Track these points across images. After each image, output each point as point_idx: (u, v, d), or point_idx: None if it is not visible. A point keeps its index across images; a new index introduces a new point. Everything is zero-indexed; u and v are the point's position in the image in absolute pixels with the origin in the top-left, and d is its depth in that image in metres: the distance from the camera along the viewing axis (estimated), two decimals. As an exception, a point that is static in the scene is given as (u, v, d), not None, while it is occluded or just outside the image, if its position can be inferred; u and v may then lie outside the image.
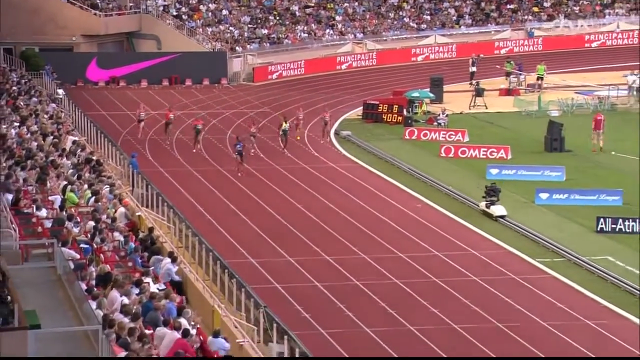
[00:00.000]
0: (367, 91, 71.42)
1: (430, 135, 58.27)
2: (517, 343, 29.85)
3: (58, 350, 19.95)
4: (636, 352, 29.18)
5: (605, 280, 35.11)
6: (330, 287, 34.36)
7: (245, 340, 26.85)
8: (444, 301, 33.09)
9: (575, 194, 45.29)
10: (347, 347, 29.44)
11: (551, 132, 54.52)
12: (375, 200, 45.57)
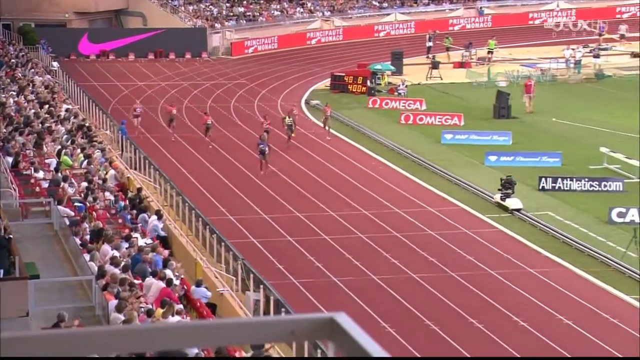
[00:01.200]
0: (334, 64, 71.32)
1: (391, 104, 58.31)
2: (468, 290, 30.04)
3: (56, 298, 19.91)
4: (573, 296, 29.49)
5: (546, 233, 35.38)
6: (302, 241, 34.42)
7: (225, 289, 26.95)
8: (403, 253, 33.22)
9: (520, 156, 45.50)
10: (316, 295, 29.53)
11: (499, 101, 54.72)
12: (342, 162, 45.64)
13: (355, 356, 2.09)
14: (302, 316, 2.28)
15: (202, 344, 3.23)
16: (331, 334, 2.16)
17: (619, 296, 29.81)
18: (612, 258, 32.32)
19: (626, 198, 38.55)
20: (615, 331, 27.30)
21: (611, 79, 64.64)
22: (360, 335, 2.09)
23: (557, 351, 25.85)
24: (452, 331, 27.08)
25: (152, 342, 2.99)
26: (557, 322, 27.78)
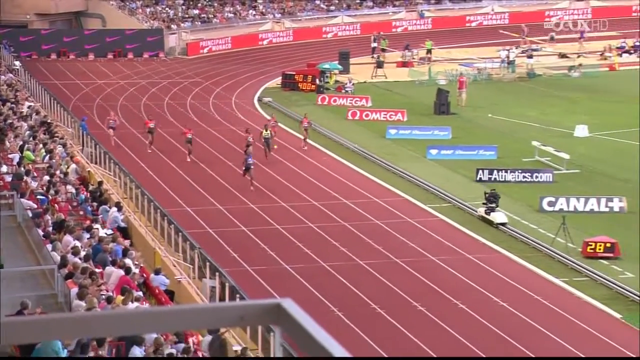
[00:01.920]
0: (285, 63, 71.19)
1: (339, 101, 58.39)
2: (412, 276, 30.22)
3: (19, 287, 19.71)
4: (507, 280, 29.78)
5: (484, 222, 35.66)
6: (255, 231, 34.38)
7: (183, 276, 26.87)
8: (351, 242, 33.32)
9: (459, 149, 45.80)
10: (269, 282, 29.52)
11: (439, 98, 55.00)
12: (292, 157, 45.61)
13: (300, 340, 2.09)
14: (250, 302, 2.29)
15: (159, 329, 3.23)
16: (278, 319, 2.16)
17: (549, 279, 30.17)
18: (543, 244, 32.71)
19: (556, 188, 39.01)
20: (546, 311, 27.63)
21: (542, 78, 65.26)
22: (306, 320, 2.09)
23: (493, 331, 26.09)
24: (396, 314, 27.21)
25: (112, 327, 2.97)
26: (493, 303, 28.05)
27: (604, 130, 49.29)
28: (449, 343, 25.45)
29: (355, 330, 26.24)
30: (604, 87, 61.31)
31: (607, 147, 46.82)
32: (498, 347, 25.25)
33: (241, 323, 2.19)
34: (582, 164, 42.78)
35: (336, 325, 26.39)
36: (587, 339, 25.83)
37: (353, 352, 23.72)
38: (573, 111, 53.98)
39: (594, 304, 28.15)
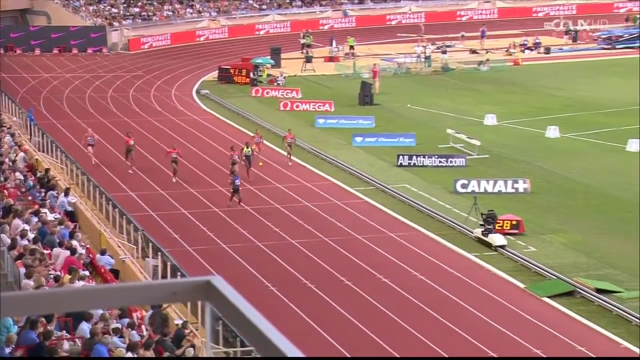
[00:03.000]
0: (220, 58, 70.74)
1: (272, 93, 58.30)
2: (340, 253, 30.33)
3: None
4: (425, 256, 30.04)
5: (404, 203, 35.94)
6: (195, 213, 34.19)
7: (127, 256, 26.60)
8: (283, 222, 33.31)
9: (381, 137, 45.98)
10: (208, 260, 29.39)
11: (363, 90, 55.21)
12: (229, 145, 45.37)
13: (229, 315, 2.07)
14: (181, 280, 2.26)
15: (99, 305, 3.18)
16: (208, 295, 2.13)
17: (463, 254, 30.53)
18: (457, 222, 33.08)
19: (468, 171, 39.44)
20: (460, 283, 27.95)
21: (455, 72, 65.82)
22: (234, 296, 2.07)
23: (413, 302, 26.30)
24: (325, 288, 27.31)
25: (59, 304, 2.92)
26: (412, 277, 28.30)
27: (510, 119, 50.00)
28: (374, 314, 25.60)
29: (289, 304, 26.28)
30: (509, 80, 62.15)
31: (513, 134, 47.50)
32: (419, 316, 25.46)
33: (173, 299, 2.16)
34: (491, 150, 43.34)
35: (271, 299, 26.42)
36: (495, 307, 26.21)
37: (285, 325, 23.78)
38: (483, 102, 54.62)
39: (502, 276, 28.59)
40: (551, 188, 37.47)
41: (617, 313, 25.45)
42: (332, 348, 23.54)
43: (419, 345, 23.75)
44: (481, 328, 24.63)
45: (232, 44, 78.39)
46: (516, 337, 24.01)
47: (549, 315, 25.67)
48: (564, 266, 28.63)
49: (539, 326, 24.82)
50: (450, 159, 41.46)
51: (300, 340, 23.07)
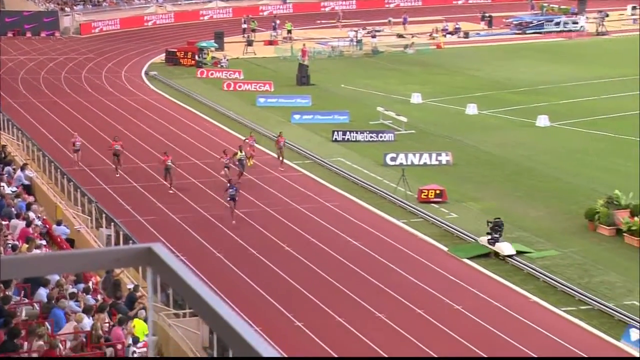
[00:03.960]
0: (167, 42, 69.77)
1: (216, 74, 57.73)
2: (278, 220, 30.34)
3: None
4: (359, 223, 30.16)
5: (338, 174, 36.04)
6: (146, 186, 33.88)
7: (82, 226, 26.26)
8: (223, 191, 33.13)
9: (317, 114, 46.00)
10: (158, 229, 29.17)
11: (300, 72, 55.09)
12: (176, 122, 45.01)
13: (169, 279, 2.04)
14: (125, 247, 2.23)
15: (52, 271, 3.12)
16: (149, 261, 2.11)
17: (393, 222, 30.77)
18: (387, 192, 33.31)
19: (397, 146, 39.68)
20: (390, 248, 28.20)
21: (384, 54, 66.00)
22: (173, 262, 2.05)
23: (348, 266, 26.46)
24: (267, 254, 27.31)
25: (17, 270, 2.86)
26: (347, 243, 28.45)
27: (434, 97, 50.39)
28: (311, 276, 25.71)
29: (233, 268, 26.24)
30: (432, 62, 62.56)
31: (436, 111, 47.89)
32: (353, 279, 25.63)
33: (117, 264, 2.14)
34: (417, 126, 43.65)
35: (218, 265, 26.35)
36: (422, 268, 26.52)
37: (228, 287, 23.69)
38: (409, 82, 54.90)
39: (427, 240, 28.92)
40: (470, 160, 37.93)
41: (528, 271, 25.98)
42: (276, 311, 23.57)
43: (354, 305, 23.91)
44: (409, 288, 24.90)
45: (178, 29, 77.39)
46: (440, 295, 24.35)
47: (468, 274, 26.08)
48: (482, 231, 29.04)
49: (460, 284, 25.21)
50: (380, 134, 41.66)
51: (243, 304, 23.11)
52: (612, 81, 53.96)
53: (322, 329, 22.49)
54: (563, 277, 25.28)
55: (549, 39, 72.36)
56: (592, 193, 30.82)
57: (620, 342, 21.70)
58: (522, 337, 21.91)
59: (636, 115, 44.88)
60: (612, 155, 38.03)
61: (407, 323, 22.70)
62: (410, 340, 21.76)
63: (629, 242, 27.91)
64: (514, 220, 30.21)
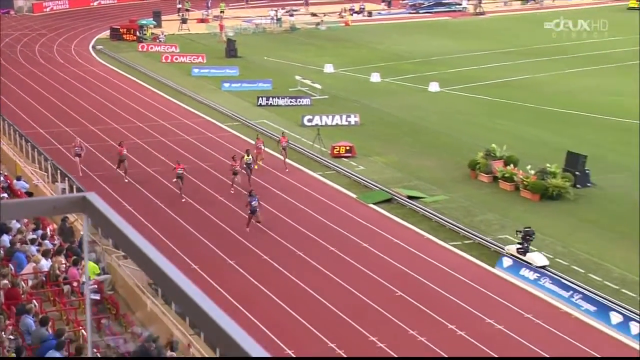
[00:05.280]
0: (112, 20, 67.69)
1: (155, 48, 56.48)
2: (212, 175, 29.98)
3: None
4: (280, 175, 30.03)
5: (263, 134, 35.76)
6: (96, 146, 32.96)
7: (39, 181, 25.48)
8: (167, 152, 32.55)
9: (245, 83, 45.47)
10: (108, 184, 28.50)
11: (229, 46, 54.35)
12: (121, 90, 43.90)
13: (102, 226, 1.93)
14: (62, 196, 2.12)
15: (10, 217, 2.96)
16: (84, 209, 1.99)
17: (309, 173, 30.75)
18: (305, 149, 33.25)
19: (313, 109, 39.60)
20: (306, 195, 28.18)
21: (300, 31, 65.52)
22: (106, 209, 1.94)
23: (275, 214, 26.36)
24: (201, 201, 26.98)
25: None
26: (271, 192, 28.28)
27: (343, 67, 50.34)
28: (241, 219, 25.53)
29: (171, 214, 25.87)
30: (342, 37, 62.40)
31: (346, 79, 47.88)
32: (278, 223, 25.55)
33: (55, 212, 2.01)
34: (330, 92, 43.56)
35: (162, 213, 25.93)
36: (334, 212, 26.63)
37: (164, 228, 23.29)
38: (322, 54, 54.64)
39: (339, 189, 29.04)
40: (375, 121, 38.13)
41: (422, 213, 26.38)
42: (196, 241, 23.38)
43: (276, 243, 23.88)
44: (322, 228, 24.99)
45: (121, 9, 75.08)
46: (350, 235, 24.51)
47: (374, 217, 26.35)
48: (385, 180, 29.37)
49: (367, 226, 25.45)
50: (298, 99, 41.46)
51: (169, 240, 22.83)
52: (489, 53, 54.84)
53: (217, 271, 22.38)
54: (451, 217, 25.79)
55: (438, 18, 72.95)
56: (473, 147, 31.38)
57: (494, 268, 22.31)
58: (418, 267, 22.31)
59: (509, 81, 45.85)
60: (490, 116, 38.78)
61: (321, 258, 22.80)
62: (322, 272, 21.85)
63: (503, 187, 28.62)
64: (411, 171, 30.58)
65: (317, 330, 18.68)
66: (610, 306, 19.42)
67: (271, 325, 18.62)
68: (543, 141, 33.16)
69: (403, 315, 19.26)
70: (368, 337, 18.33)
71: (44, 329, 13.33)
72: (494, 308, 19.80)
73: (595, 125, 36.42)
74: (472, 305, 19.85)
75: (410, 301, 20.05)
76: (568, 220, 25.44)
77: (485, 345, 17.98)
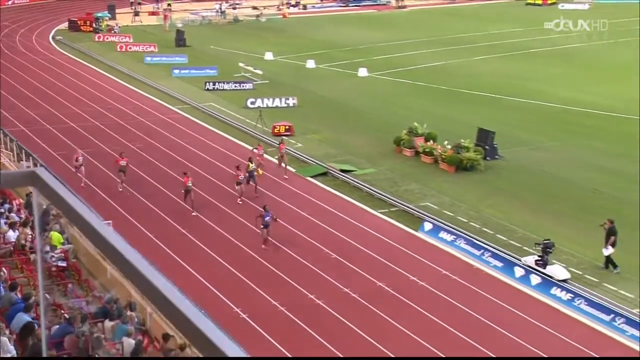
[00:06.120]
0: (70, 13, 65.46)
1: (110, 39, 55.13)
2: (165, 152, 29.40)
3: None
4: (225, 151, 29.70)
5: (211, 116, 35.31)
6: (58, 128, 31.96)
7: (5, 160, 24.55)
8: (122, 132, 31.76)
9: (193, 69, 44.71)
10: (69, 162, 27.66)
11: (178, 36, 53.43)
12: (80, 77, 42.64)
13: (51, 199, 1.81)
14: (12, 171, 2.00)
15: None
16: (34, 183, 1.86)
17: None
18: (248, 128, 32.94)
19: (255, 93, 39.20)
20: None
21: (243, 22, 64.77)
22: (54, 183, 1.82)
23: (220, 186, 26.04)
24: (153, 175, 26.46)
25: None
26: (216, 166, 27.94)
27: (282, 55, 49.93)
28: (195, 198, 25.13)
29: (129, 189, 25.30)
30: (280, 28, 61.91)
31: (284, 66, 47.51)
32: (221, 194, 25.28)
33: (7, 185, 1.89)
34: (270, 77, 43.16)
35: (121, 194, 25.32)
36: (275, 185, 26.41)
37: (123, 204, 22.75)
38: (263, 43, 54.05)
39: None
40: (312, 103, 37.98)
41: (354, 185, 26.48)
42: (149, 212, 23.00)
43: (225, 215, 23.65)
44: (265, 200, 24.78)
45: (78, 2, 72.69)
46: (291, 206, 24.40)
47: (310, 188, 26.30)
48: (321, 155, 29.33)
49: (305, 197, 25.39)
50: (242, 84, 40.98)
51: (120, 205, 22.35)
52: (410, 42, 55.23)
53: (170, 237, 22.11)
54: (378, 187, 25.96)
55: (366, 11, 73.04)
56: (398, 125, 31.59)
57: (417, 232, 22.62)
58: (350, 232, 22.39)
59: (427, 67, 46.32)
60: (412, 98, 39.10)
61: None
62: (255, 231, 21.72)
63: (424, 160, 28.95)
64: (344, 147, 30.61)
65: (227, 296, 18.58)
66: (514, 262, 19.95)
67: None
68: (457, 119, 33.65)
69: (335, 274, 19.39)
70: (307, 296, 18.36)
71: (13, 294, 12.95)
72: (417, 266, 20.11)
73: (500, 105, 37.14)
74: (398, 265, 20.11)
75: (342, 261, 20.18)
76: (479, 188, 25.94)
77: (409, 299, 18.26)
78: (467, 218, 23.22)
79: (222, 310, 17.03)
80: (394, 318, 17.13)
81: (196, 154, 29.45)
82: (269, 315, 17.12)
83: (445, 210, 23.59)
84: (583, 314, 17.61)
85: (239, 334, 14.84)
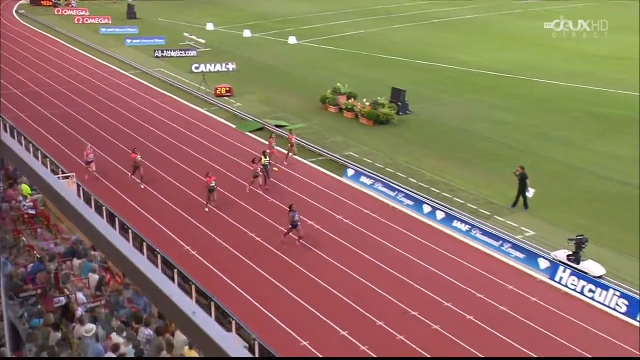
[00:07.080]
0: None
1: (68, 12, 52.52)
2: (128, 117, 28.47)
3: None
4: (175, 112, 28.99)
5: (160, 80, 34.24)
6: (23, 92, 30.27)
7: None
8: (84, 94, 30.47)
9: (143, 39, 43.07)
10: (57, 137, 26.41)
11: (129, 9, 51.44)
12: (42, 47, 40.53)
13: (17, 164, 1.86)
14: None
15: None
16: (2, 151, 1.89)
17: (197, 109, 29.79)
18: (193, 90, 32.18)
19: (198, 59, 38.18)
20: (197, 127, 27.38)
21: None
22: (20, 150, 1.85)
23: (173, 142, 25.51)
24: (120, 138, 25.63)
25: None
26: (169, 126, 27.29)
27: (221, 26, 48.70)
28: (177, 168, 24.54)
29: (102, 155, 24.42)
30: (219, 2, 60.02)
31: (224, 35, 46.33)
32: (179, 152, 24.78)
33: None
34: (212, 45, 42.08)
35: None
36: (219, 140, 26.03)
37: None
38: (204, 15, 52.41)
39: (221, 120, 28.41)
40: (248, 67, 37.32)
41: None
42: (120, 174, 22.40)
43: (185, 172, 23.25)
44: (206, 149, 24.41)
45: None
46: (229, 155, 24.11)
47: (247, 141, 26.11)
48: (258, 113, 29.06)
49: (243, 148, 25.17)
50: (187, 51, 39.83)
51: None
52: (334, 13, 54.71)
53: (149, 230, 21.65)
54: (308, 140, 26.01)
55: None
56: (323, 86, 31.52)
57: (342, 177, 22.93)
58: (283, 178, 22.44)
59: (349, 35, 46.08)
60: (335, 62, 38.96)
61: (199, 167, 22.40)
62: (198, 178, 21.54)
63: (346, 116, 29.13)
64: (277, 105, 30.40)
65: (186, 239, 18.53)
66: (422, 200, 20.60)
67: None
68: (374, 80, 33.86)
69: (267, 212, 19.53)
70: (248, 234, 18.47)
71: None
72: (342, 207, 20.47)
73: (411, 68, 37.56)
74: (325, 205, 20.42)
75: (273, 202, 20.28)
76: (394, 139, 26.38)
77: (335, 234, 18.62)
78: (383, 164, 23.68)
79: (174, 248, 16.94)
80: (327, 254, 17.47)
81: (148, 113, 28.65)
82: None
83: (365, 158, 23.97)
84: (478, 241, 18.47)
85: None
